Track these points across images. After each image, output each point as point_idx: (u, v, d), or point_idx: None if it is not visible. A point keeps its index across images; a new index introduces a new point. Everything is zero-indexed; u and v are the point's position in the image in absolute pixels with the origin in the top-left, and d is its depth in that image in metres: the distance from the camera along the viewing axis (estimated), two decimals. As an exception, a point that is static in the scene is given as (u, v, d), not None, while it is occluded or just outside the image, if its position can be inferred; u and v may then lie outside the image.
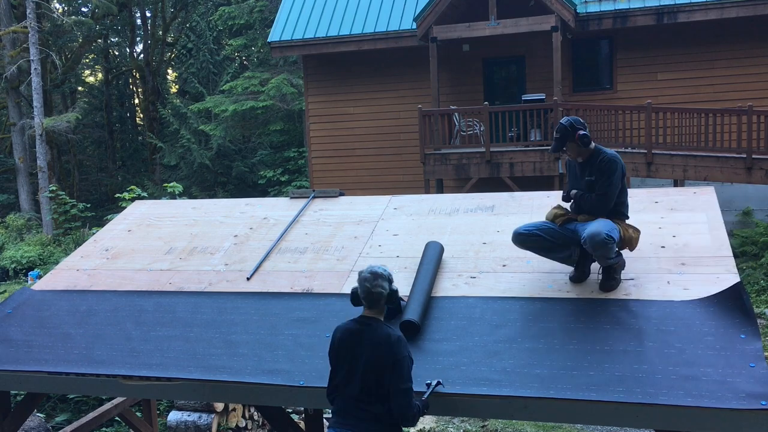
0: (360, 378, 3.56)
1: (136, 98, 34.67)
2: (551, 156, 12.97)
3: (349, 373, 3.61)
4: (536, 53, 14.97)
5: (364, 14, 15.63)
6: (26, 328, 4.89)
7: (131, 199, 12.59)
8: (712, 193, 5.31)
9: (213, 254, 5.57)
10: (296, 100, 21.19)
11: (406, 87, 15.78)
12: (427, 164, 13.69)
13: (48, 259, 15.42)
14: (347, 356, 3.63)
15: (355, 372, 3.58)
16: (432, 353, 4.03)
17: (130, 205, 6.94)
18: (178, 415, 7.67)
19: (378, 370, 3.51)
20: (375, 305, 3.66)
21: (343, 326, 3.72)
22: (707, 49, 14.17)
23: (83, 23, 24.54)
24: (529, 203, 5.59)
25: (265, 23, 23.37)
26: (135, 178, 27.28)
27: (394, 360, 3.48)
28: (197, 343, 4.47)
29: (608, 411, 3.48)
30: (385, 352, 3.50)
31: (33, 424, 7.41)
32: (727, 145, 11.88)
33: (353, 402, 3.59)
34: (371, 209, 5.93)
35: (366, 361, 3.55)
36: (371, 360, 3.53)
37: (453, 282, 4.69)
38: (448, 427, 7.88)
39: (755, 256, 12.04)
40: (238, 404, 7.87)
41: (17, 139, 23.36)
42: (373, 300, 3.63)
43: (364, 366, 3.55)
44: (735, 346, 3.67)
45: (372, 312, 3.69)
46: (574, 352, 3.84)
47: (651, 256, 4.56)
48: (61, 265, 5.86)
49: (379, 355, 3.51)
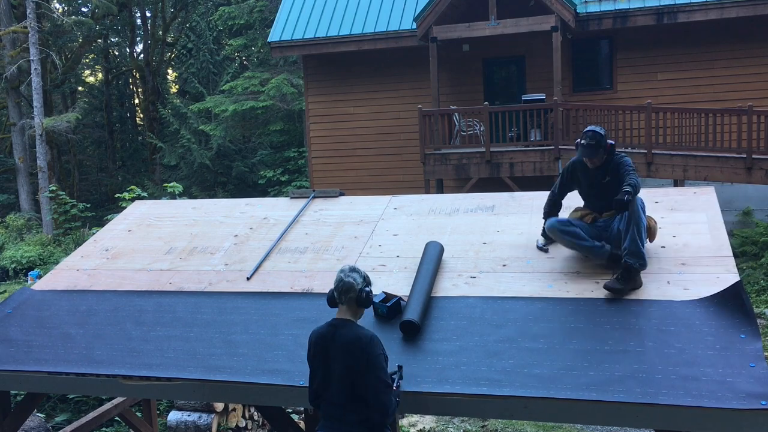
0: (337, 382, 3.54)
1: (136, 98, 34.68)
2: (551, 156, 12.98)
3: (325, 378, 3.59)
4: (536, 53, 14.97)
5: (364, 14, 15.63)
6: (26, 328, 4.89)
7: (131, 199, 12.60)
8: (712, 193, 5.31)
9: (213, 254, 5.57)
10: (296, 100, 21.19)
11: (406, 87, 15.78)
12: (427, 164, 13.69)
13: (48, 259, 15.42)
14: (321, 360, 3.61)
15: (331, 376, 3.57)
16: (432, 353, 4.03)
17: (130, 205, 6.94)
18: (178, 415, 7.67)
19: (353, 373, 3.49)
20: (345, 297, 3.62)
21: (317, 330, 3.69)
22: (707, 49, 14.17)
23: (83, 23, 24.54)
24: (529, 203, 5.59)
25: (265, 23, 23.37)
26: (135, 178, 27.28)
27: (368, 361, 3.46)
28: (197, 343, 4.47)
29: (608, 411, 3.48)
30: (358, 355, 3.48)
31: (33, 424, 7.41)
32: (727, 145, 11.88)
33: (335, 407, 3.56)
34: (371, 209, 5.93)
35: (340, 365, 3.52)
36: (345, 363, 3.50)
37: (453, 282, 4.69)
38: (448, 427, 7.88)
39: (755, 256, 12.04)
40: (238, 404, 7.87)
41: (17, 139, 23.36)
42: (344, 289, 3.61)
43: (340, 370, 3.53)
44: (735, 346, 3.67)
45: (345, 313, 3.65)
46: (574, 352, 3.84)
47: (651, 256, 4.55)
48: (61, 265, 5.86)
49: (352, 357, 3.49)
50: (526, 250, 4.91)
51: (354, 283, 3.61)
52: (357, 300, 3.62)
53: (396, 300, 4.39)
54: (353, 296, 3.61)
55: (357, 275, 3.65)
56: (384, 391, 3.48)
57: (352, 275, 3.63)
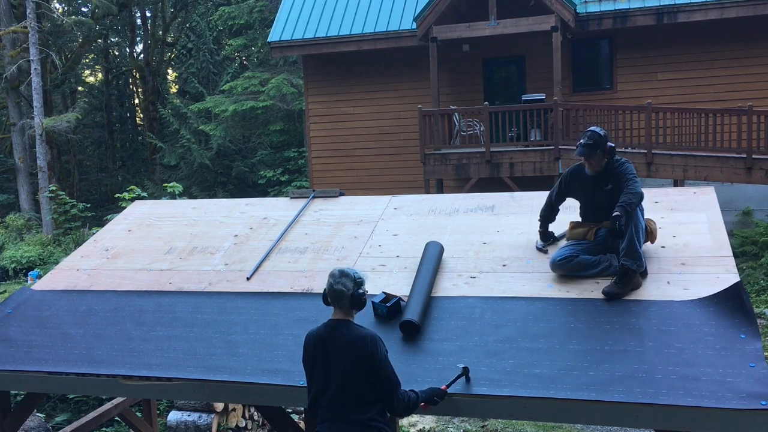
0: (338, 383, 3.49)
1: (136, 98, 34.67)
2: (551, 156, 12.98)
3: (326, 379, 3.54)
4: (536, 53, 14.97)
5: (364, 14, 15.63)
6: (26, 328, 4.89)
7: (131, 199, 12.59)
8: (712, 193, 5.31)
9: (213, 254, 5.57)
10: (296, 100, 21.19)
11: (406, 87, 15.78)
12: (427, 164, 13.69)
13: (48, 259, 15.42)
14: (321, 361, 3.56)
15: (332, 378, 3.51)
16: (432, 353, 4.03)
17: (129, 205, 6.94)
18: (178, 415, 7.67)
19: (356, 375, 3.45)
20: (338, 304, 3.59)
21: (314, 332, 3.65)
22: (707, 49, 14.17)
23: (83, 23, 24.54)
24: (529, 203, 5.59)
25: (265, 23, 23.36)
26: (135, 178, 27.28)
27: (373, 363, 3.43)
28: (197, 343, 4.47)
29: (608, 411, 3.48)
30: (362, 355, 3.44)
31: (33, 424, 7.41)
32: (727, 145, 11.88)
33: (337, 406, 3.50)
34: (371, 209, 5.93)
35: (342, 366, 3.48)
36: (348, 363, 3.46)
37: (453, 282, 4.69)
38: (448, 427, 7.88)
39: (755, 256, 12.05)
40: (238, 404, 7.87)
41: (17, 139, 23.36)
42: (335, 297, 3.57)
43: (342, 371, 3.48)
44: (735, 346, 3.67)
45: (341, 314, 3.61)
46: (574, 352, 3.84)
47: (651, 256, 4.56)
48: (61, 265, 5.86)
49: (355, 358, 3.45)
50: (526, 250, 4.91)
51: (344, 290, 3.55)
52: (350, 304, 3.58)
53: (396, 300, 4.38)
54: (346, 302, 3.57)
55: (347, 280, 3.56)
56: (394, 391, 3.48)
57: (342, 281, 3.56)
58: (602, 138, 4.43)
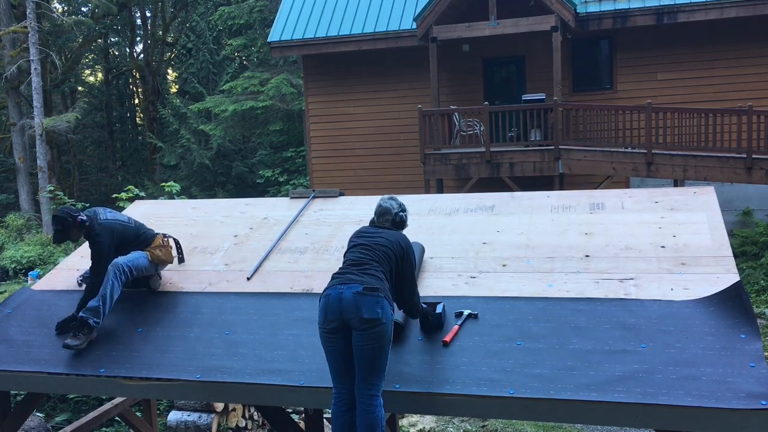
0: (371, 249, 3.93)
1: (136, 98, 34.67)
2: (551, 156, 12.98)
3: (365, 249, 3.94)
4: (536, 53, 14.97)
5: (364, 14, 15.63)
6: (26, 328, 4.89)
7: (128, 199, 12.57)
8: (712, 193, 5.31)
9: (213, 254, 5.57)
10: (296, 100, 21.19)
11: (406, 87, 15.78)
12: (427, 164, 13.69)
13: (48, 259, 15.41)
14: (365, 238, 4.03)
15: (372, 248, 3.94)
16: (432, 353, 4.03)
17: (128, 205, 6.93)
18: (178, 415, 7.67)
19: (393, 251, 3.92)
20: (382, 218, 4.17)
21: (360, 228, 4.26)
22: (707, 49, 14.17)
23: (83, 23, 24.55)
24: (529, 203, 5.59)
25: (265, 23, 23.36)
26: (135, 178, 27.28)
27: (404, 251, 3.97)
28: (197, 343, 4.47)
29: (608, 411, 3.49)
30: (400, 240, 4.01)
31: (33, 424, 7.41)
32: (727, 145, 11.88)
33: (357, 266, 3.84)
34: (371, 209, 5.86)
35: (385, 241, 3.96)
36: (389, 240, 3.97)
37: (453, 282, 4.69)
38: (448, 427, 7.88)
39: (755, 256, 12.05)
40: (238, 404, 7.87)
41: (17, 139, 23.36)
42: (382, 212, 4.18)
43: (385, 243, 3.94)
44: (735, 346, 3.67)
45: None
46: (574, 352, 3.84)
47: (651, 256, 4.56)
48: (61, 265, 5.85)
49: (395, 242, 3.98)
50: (526, 250, 4.91)
51: (390, 208, 4.17)
52: (392, 222, 4.16)
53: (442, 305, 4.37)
54: (389, 218, 4.15)
55: (394, 202, 4.21)
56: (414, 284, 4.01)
57: (390, 202, 4.20)
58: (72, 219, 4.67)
